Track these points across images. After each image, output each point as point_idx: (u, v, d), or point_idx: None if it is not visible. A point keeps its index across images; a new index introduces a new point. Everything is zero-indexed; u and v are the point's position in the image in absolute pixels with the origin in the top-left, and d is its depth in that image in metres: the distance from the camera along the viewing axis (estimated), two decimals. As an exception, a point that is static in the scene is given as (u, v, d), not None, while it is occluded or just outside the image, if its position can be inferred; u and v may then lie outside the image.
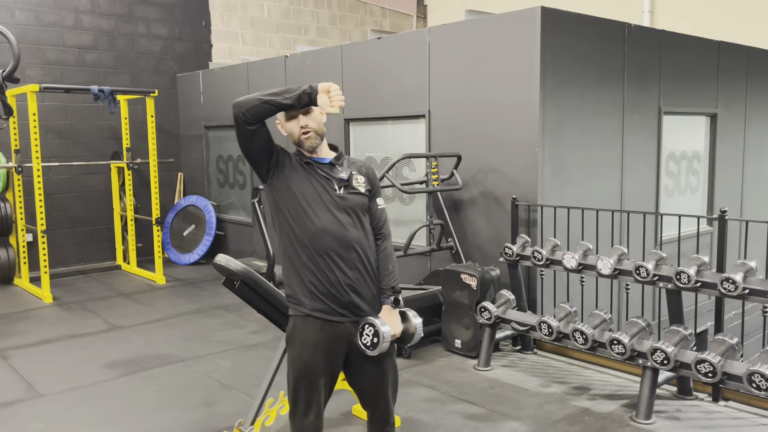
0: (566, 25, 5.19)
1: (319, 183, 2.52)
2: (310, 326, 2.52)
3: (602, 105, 5.55)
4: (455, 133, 5.65)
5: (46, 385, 4.48)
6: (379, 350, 2.48)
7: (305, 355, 2.52)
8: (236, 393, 4.31)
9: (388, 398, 2.66)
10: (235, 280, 3.07)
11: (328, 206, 2.49)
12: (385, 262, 2.63)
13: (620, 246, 4.29)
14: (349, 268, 2.50)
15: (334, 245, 2.48)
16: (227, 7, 9.80)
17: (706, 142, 7.00)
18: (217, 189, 8.98)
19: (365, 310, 2.56)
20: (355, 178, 2.58)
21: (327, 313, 2.51)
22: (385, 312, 2.59)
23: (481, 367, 4.66)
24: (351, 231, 2.51)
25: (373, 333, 2.48)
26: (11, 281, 7.58)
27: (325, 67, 6.90)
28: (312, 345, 2.51)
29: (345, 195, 2.53)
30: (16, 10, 7.89)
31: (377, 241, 2.64)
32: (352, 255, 2.51)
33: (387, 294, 2.61)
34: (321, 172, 2.54)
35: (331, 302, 2.50)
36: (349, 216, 2.52)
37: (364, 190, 2.59)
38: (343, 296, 2.50)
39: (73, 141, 8.39)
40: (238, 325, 5.86)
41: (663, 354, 3.62)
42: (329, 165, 2.58)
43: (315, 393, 2.53)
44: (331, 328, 2.52)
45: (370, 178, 2.64)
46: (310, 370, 2.52)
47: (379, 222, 2.66)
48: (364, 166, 2.68)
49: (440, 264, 5.66)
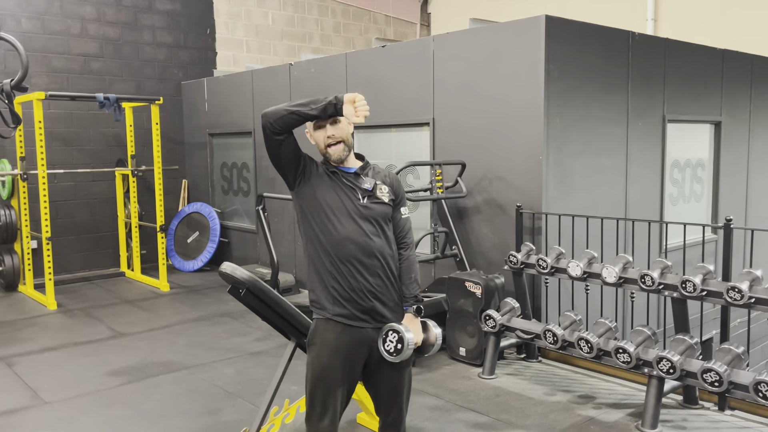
0: (570, 34, 5.20)
1: (344, 192, 2.57)
2: (331, 329, 2.56)
3: (606, 113, 5.56)
4: (459, 141, 5.66)
5: (51, 393, 4.48)
6: (402, 357, 2.50)
7: (324, 357, 2.56)
8: (240, 401, 4.31)
9: (402, 405, 2.69)
10: (241, 288, 3.07)
11: (352, 215, 2.54)
12: (408, 271, 2.67)
13: (625, 254, 4.28)
14: (371, 275, 2.55)
15: (357, 253, 2.53)
16: (232, 15, 9.85)
17: (711, 150, 7.00)
18: (221, 196, 8.99)
19: (387, 316, 2.60)
20: (380, 188, 2.62)
21: (348, 318, 2.55)
22: (408, 320, 2.63)
23: (485, 375, 4.65)
24: (374, 240, 2.56)
25: (397, 339, 2.50)
26: (16, 288, 7.59)
27: (330, 75, 6.93)
28: (332, 347, 2.55)
29: (369, 204, 2.58)
30: (22, 19, 7.94)
31: (400, 250, 2.68)
32: (375, 263, 2.56)
33: (410, 303, 2.66)
34: (346, 181, 2.59)
35: (352, 308, 2.55)
36: (372, 225, 2.57)
37: (388, 199, 2.63)
38: (364, 302, 2.55)
39: (78, 148, 8.42)
40: (243, 332, 5.86)
41: (669, 363, 3.61)
42: (354, 174, 2.62)
43: (331, 397, 2.56)
44: (352, 332, 2.56)
45: (394, 187, 2.68)
46: (328, 372, 2.55)
47: (402, 231, 2.70)
48: (389, 176, 2.71)
49: (444, 272, 5.66)
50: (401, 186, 2.73)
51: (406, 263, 2.67)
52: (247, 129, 8.18)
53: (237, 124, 8.39)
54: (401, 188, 2.72)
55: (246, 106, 8.20)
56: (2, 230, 7.39)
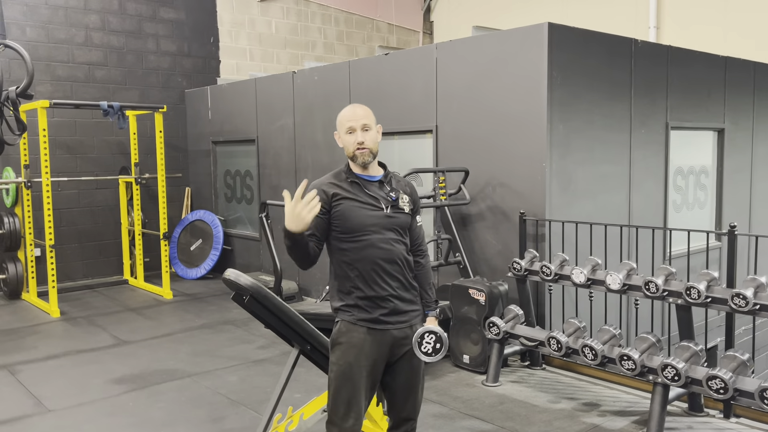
0: (573, 41, 5.21)
1: (368, 202, 2.63)
2: (356, 331, 2.63)
3: (610, 120, 5.56)
4: (463, 148, 5.67)
5: (54, 401, 4.48)
6: (440, 356, 2.60)
7: (350, 356, 2.61)
8: (244, 409, 4.30)
9: (418, 397, 2.80)
10: (245, 295, 3.07)
11: (376, 224, 2.61)
12: (426, 277, 2.78)
13: (629, 261, 4.27)
14: (392, 279, 2.64)
15: (380, 260, 2.61)
16: (235, 23, 9.89)
17: (714, 157, 6.99)
18: (224, 204, 9.01)
19: (407, 318, 2.68)
20: (402, 198, 2.70)
21: (372, 322, 2.62)
22: (431, 322, 2.74)
23: (489, 382, 4.64)
24: (396, 246, 2.64)
25: (435, 340, 2.60)
26: (19, 296, 7.60)
27: (333, 83, 6.95)
28: (357, 346, 2.61)
29: (392, 214, 2.65)
30: (27, 27, 7.98)
31: (416, 258, 2.77)
32: (395, 268, 2.65)
33: (432, 307, 2.78)
34: (369, 191, 2.65)
35: (376, 312, 2.62)
36: (394, 233, 2.65)
37: (408, 209, 2.71)
38: (387, 305, 2.62)
39: (82, 156, 8.45)
40: (246, 340, 5.85)
41: (674, 370, 3.59)
42: (379, 183, 2.69)
43: (356, 396, 2.60)
44: (377, 334, 2.63)
45: (413, 197, 2.76)
46: (353, 370, 2.60)
47: (418, 239, 2.78)
48: (408, 185, 2.79)
49: (448, 279, 5.65)
50: (417, 195, 2.81)
51: (424, 270, 2.78)
52: (251, 137, 8.20)
53: (240, 132, 8.42)
54: (417, 197, 2.80)
55: (249, 114, 8.22)
56: (6, 238, 7.40)
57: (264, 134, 8.01)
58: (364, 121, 2.64)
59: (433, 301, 2.80)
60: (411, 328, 2.67)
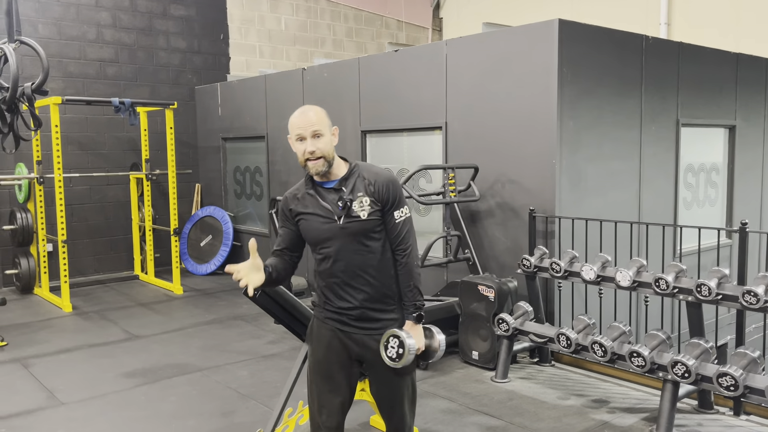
0: (583, 38, 5.20)
1: (323, 213, 2.52)
2: (325, 327, 2.62)
3: (620, 116, 5.55)
4: (472, 145, 5.67)
5: (67, 394, 4.53)
6: (404, 362, 2.47)
7: (319, 352, 2.62)
8: (254, 403, 4.33)
9: (404, 410, 2.65)
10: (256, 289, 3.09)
11: (334, 235, 2.50)
12: (406, 278, 2.55)
13: (639, 258, 4.26)
14: (356, 291, 2.53)
15: (341, 273, 2.53)
16: (245, 20, 9.92)
17: (725, 154, 6.96)
18: (234, 200, 9.05)
19: (378, 325, 2.56)
20: (359, 201, 2.48)
21: (339, 323, 2.59)
22: (409, 327, 2.57)
23: (498, 379, 4.65)
24: (354, 258, 2.50)
25: (398, 344, 2.46)
26: (32, 290, 7.67)
27: (343, 80, 6.96)
28: (325, 344, 2.60)
29: (345, 225, 2.48)
30: (39, 24, 8.04)
31: (397, 256, 2.56)
32: (360, 280, 2.52)
33: (409, 310, 2.57)
34: (323, 201, 2.51)
35: (343, 316, 2.58)
36: (354, 242, 2.50)
37: (368, 214, 2.48)
38: (353, 313, 2.56)
39: (94, 152, 8.51)
40: (256, 335, 5.88)
41: (684, 367, 3.59)
42: (333, 191, 2.51)
43: (324, 391, 2.59)
44: (343, 334, 2.59)
45: (381, 194, 2.49)
46: (322, 367, 2.60)
47: (399, 236, 2.54)
48: (376, 183, 2.51)
49: (457, 275, 5.66)
50: (393, 188, 2.53)
51: (404, 270, 2.55)
52: (260, 133, 8.23)
53: (250, 128, 8.45)
54: (392, 191, 2.52)
55: (259, 111, 8.25)
56: (19, 233, 7.47)
57: (273, 131, 8.03)
58: (314, 128, 2.44)
59: (412, 304, 2.55)
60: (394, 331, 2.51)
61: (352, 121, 6.81)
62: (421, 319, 2.60)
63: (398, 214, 2.55)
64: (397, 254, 2.56)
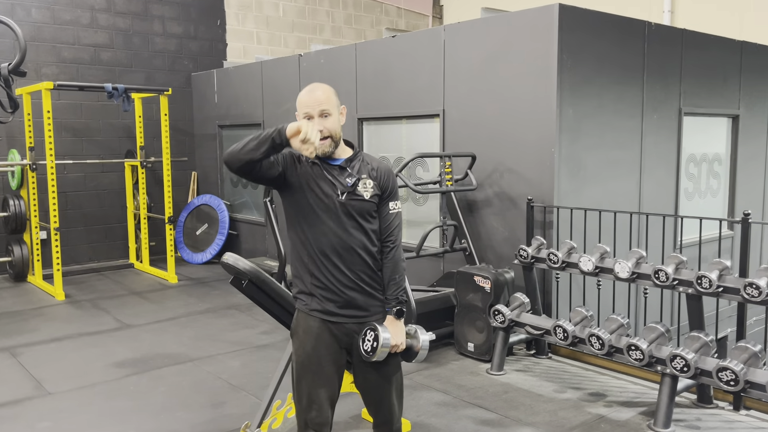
0: (584, 23, 5.08)
1: (325, 185, 2.45)
2: (311, 319, 2.51)
3: (621, 104, 5.43)
4: (470, 133, 5.56)
5: (55, 384, 4.45)
6: (378, 356, 2.43)
7: (308, 345, 2.50)
8: (245, 394, 4.25)
9: (392, 403, 2.60)
10: (243, 279, 3.01)
11: (331, 209, 2.44)
12: (391, 271, 2.54)
13: (638, 249, 4.17)
14: (348, 270, 2.47)
15: (336, 246, 2.45)
16: (242, 6, 9.78)
17: (728, 144, 6.84)
18: (230, 188, 8.95)
19: (365, 313, 2.52)
20: (363, 183, 2.47)
21: (326, 314, 2.49)
22: (389, 322, 2.53)
23: (494, 371, 4.57)
24: (353, 233, 2.46)
25: (373, 338, 2.44)
26: (25, 278, 7.60)
27: (339, 66, 6.84)
28: (314, 336, 2.49)
29: (347, 201, 2.44)
30: (32, 8, 7.91)
31: (384, 247, 2.54)
32: (354, 258, 2.47)
33: (391, 305, 2.53)
34: (328, 175, 2.46)
35: (330, 303, 2.48)
36: (352, 219, 2.46)
37: (371, 195, 2.48)
38: (341, 296, 2.47)
39: (88, 139, 8.40)
40: (249, 325, 5.81)
41: (683, 361, 3.50)
42: (339, 168, 2.48)
43: (315, 387, 2.49)
44: (331, 325, 2.50)
45: (381, 181, 2.52)
46: (312, 360, 2.49)
47: (389, 227, 2.54)
48: (378, 169, 2.54)
49: (453, 266, 5.57)
50: (392, 179, 2.56)
51: (390, 263, 2.53)
52: (257, 121, 8.12)
53: (247, 115, 8.34)
54: (391, 182, 2.55)
55: (256, 98, 8.14)
56: (11, 220, 7.39)
57: (270, 118, 7.92)
58: (323, 107, 2.42)
59: (395, 298, 2.52)
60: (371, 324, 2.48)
61: (348, 108, 6.66)
62: (402, 314, 2.55)
63: (392, 206, 2.56)
64: (385, 245, 2.55)
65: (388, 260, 2.54)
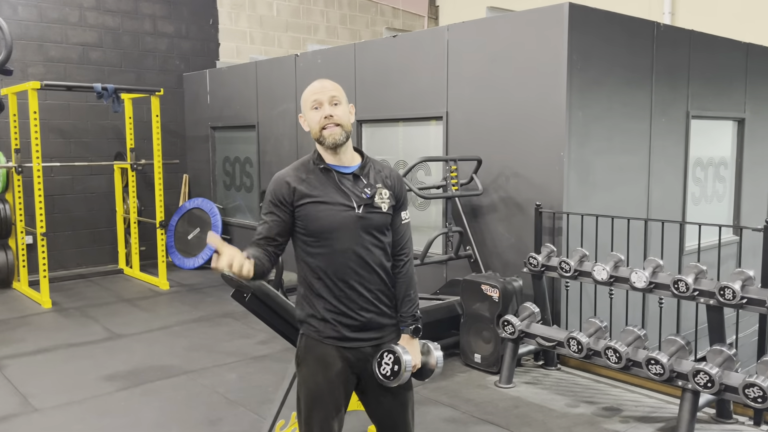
0: (595, 23, 4.92)
1: (340, 197, 2.22)
2: (323, 346, 2.27)
3: (630, 107, 5.28)
4: (475, 136, 5.38)
5: (41, 399, 4.22)
6: (400, 380, 2.23)
7: (319, 375, 2.26)
8: (243, 410, 4.04)
9: (408, 424, 2.41)
10: (246, 292, 2.83)
11: (347, 226, 2.21)
12: (406, 286, 2.33)
13: (654, 258, 4.00)
14: (366, 290, 2.25)
15: (355, 266, 2.22)
16: (235, 5, 9.56)
17: (733, 148, 6.72)
18: (223, 191, 8.72)
19: (381, 334, 2.31)
20: (380, 193, 2.26)
21: (340, 339, 2.26)
22: (405, 341, 2.32)
23: (502, 384, 4.39)
24: (373, 251, 2.24)
25: (393, 361, 2.23)
26: (10, 285, 7.33)
27: (337, 67, 6.65)
28: (327, 365, 2.26)
29: (365, 215, 2.23)
30: (18, 6, 7.66)
31: (397, 261, 2.33)
32: (373, 277, 2.25)
33: (407, 322, 2.32)
34: (342, 185, 2.23)
35: (345, 328, 2.25)
36: (370, 235, 2.24)
37: (388, 207, 2.27)
38: (358, 319, 2.25)
39: (76, 141, 8.15)
40: (245, 334, 5.59)
41: (707, 376, 3.33)
42: (353, 176, 2.26)
43: (329, 418, 2.27)
44: (346, 351, 2.27)
45: (396, 190, 2.32)
46: (324, 391, 2.26)
47: (402, 239, 2.34)
48: (391, 177, 2.34)
49: (456, 273, 5.39)
50: (404, 186, 2.38)
51: (404, 278, 2.33)
52: (251, 122, 7.91)
53: (240, 117, 8.12)
54: (404, 189, 2.36)
55: (250, 99, 7.93)
56: (-4, 225, 7.13)
57: (265, 120, 7.72)
58: (332, 93, 2.23)
59: (410, 315, 2.32)
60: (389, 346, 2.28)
61: (347, 110, 6.49)
62: (419, 332, 2.35)
63: (404, 215, 2.37)
64: (398, 258, 2.34)
65: (402, 275, 2.33)
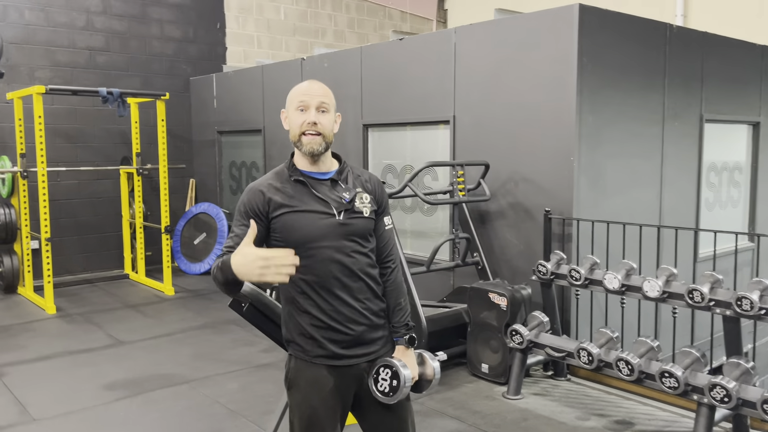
0: (605, 25, 4.81)
1: (317, 205, 2.10)
2: (314, 367, 2.14)
3: (642, 111, 5.16)
4: (482, 140, 5.28)
5: (40, 409, 4.15)
6: (399, 397, 2.11)
7: (314, 399, 2.13)
8: (244, 421, 3.95)
9: None
10: (243, 302, 2.73)
11: (327, 234, 2.09)
12: (395, 295, 2.23)
13: (668, 266, 3.88)
14: (355, 300, 2.12)
15: (339, 275, 2.09)
16: (243, 9, 9.52)
17: (748, 152, 6.56)
18: (230, 196, 8.66)
19: (375, 348, 2.18)
20: (360, 197, 2.16)
21: (331, 358, 2.13)
22: (400, 353, 2.21)
23: (510, 395, 4.27)
24: (357, 258, 2.12)
25: (391, 376, 2.11)
26: (15, 290, 7.29)
27: (344, 70, 6.57)
28: (320, 387, 2.13)
29: (347, 221, 2.11)
30: (25, 10, 7.64)
31: (384, 269, 2.23)
32: (360, 285, 2.13)
33: (400, 332, 2.22)
34: (318, 193, 2.11)
35: (335, 345, 2.12)
36: (353, 243, 2.12)
37: (369, 211, 2.17)
38: (348, 334, 2.12)
39: (82, 145, 8.11)
40: (249, 342, 5.50)
41: (723, 390, 3.21)
42: (330, 182, 2.15)
43: None
44: (339, 370, 2.15)
45: (377, 194, 2.22)
46: (320, 415, 2.12)
47: (387, 245, 2.24)
48: (371, 181, 2.25)
49: (463, 280, 5.28)
50: (384, 191, 2.27)
51: (393, 286, 2.23)
52: (257, 127, 7.84)
53: (247, 121, 8.06)
54: (384, 194, 2.26)
55: (256, 103, 7.86)
56: (1, 230, 7.09)
57: (271, 124, 7.65)
58: (322, 99, 2.09)
59: (404, 325, 2.22)
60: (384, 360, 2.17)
61: (353, 114, 6.41)
62: (414, 342, 2.24)
63: (387, 221, 2.28)
64: (384, 266, 2.24)
65: (391, 283, 2.23)
